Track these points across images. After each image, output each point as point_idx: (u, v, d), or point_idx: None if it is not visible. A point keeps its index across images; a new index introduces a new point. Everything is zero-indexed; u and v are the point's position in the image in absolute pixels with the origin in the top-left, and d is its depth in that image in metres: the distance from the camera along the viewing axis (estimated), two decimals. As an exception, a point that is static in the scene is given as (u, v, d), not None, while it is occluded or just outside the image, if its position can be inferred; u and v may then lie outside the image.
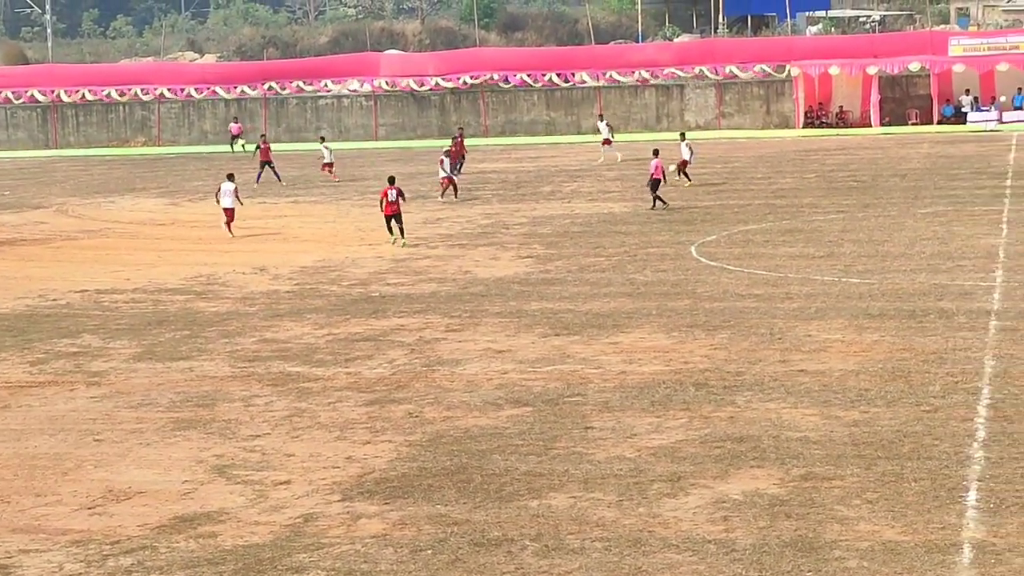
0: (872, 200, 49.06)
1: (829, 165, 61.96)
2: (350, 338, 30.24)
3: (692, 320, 30.25)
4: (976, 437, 20.80)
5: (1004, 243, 38.37)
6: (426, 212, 51.91)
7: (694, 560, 16.51)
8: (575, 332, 29.67)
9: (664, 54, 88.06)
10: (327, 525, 18.35)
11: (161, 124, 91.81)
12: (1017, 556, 16.10)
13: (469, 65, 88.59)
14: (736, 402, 23.45)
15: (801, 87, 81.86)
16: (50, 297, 36.64)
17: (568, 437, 21.86)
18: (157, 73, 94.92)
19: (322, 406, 24.55)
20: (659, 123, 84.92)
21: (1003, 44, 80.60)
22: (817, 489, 18.77)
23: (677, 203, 50.65)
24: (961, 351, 26.26)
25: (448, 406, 24.13)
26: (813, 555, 16.48)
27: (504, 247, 42.34)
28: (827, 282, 33.94)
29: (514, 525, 17.95)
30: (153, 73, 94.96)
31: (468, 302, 33.72)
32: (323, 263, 40.60)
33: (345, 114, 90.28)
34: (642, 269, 37.14)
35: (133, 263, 42.14)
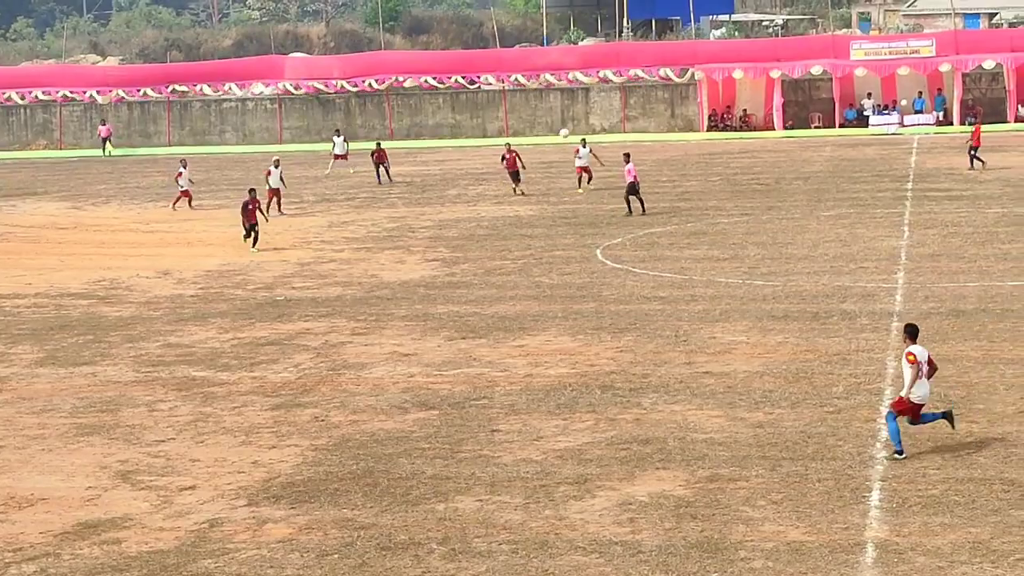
0: (776, 203, 49.51)
1: (733, 168, 62.46)
2: (255, 342, 30.06)
3: (598, 323, 30.37)
4: (879, 438, 21.05)
5: (905, 245, 38.86)
6: (331, 216, 51.72)
7: (601, 562, 16.57)
8: (481, 335, 29.68)
9: (569, 57, 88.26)
10: (233, 530, 18.23)
11: (63, 127, 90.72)
12: (919, 555, 16.31)
13: (374, 68, 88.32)
14: (642, 404, 23.57)
15: (705, 91, 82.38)
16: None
17: (475, 440, 21.87)
18: (59, 76, 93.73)
19: (227, 411, 24.38)
20: (564, 126, 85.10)
21: (904, 48, 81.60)
22: (722, 490, 18.90)
23: (582, 206, 50.83)
24: (864, 352, 26.57)
25: (354, 410, 24.06)
26: (719, 556, 16.59)
27: (410, 250, 42.27)
28: (732, 284, 34.20)
29: (421, 528, 17.93)
30: (55, 76, 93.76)
31: (374, 305, 33.63)
32: (228, 267, 40.32)
33: (249, 117, 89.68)
34: (548, 272, 37.23)
35: (35, 267, 41.61)
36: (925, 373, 20.24)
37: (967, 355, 25.92)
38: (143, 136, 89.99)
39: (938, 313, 29.71)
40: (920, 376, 20.16)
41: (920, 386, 20.17)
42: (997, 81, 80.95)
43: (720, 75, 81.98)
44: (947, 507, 17.86)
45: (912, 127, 78.18)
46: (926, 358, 20.35)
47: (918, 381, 20.14)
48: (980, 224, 42.26)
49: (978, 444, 20.45)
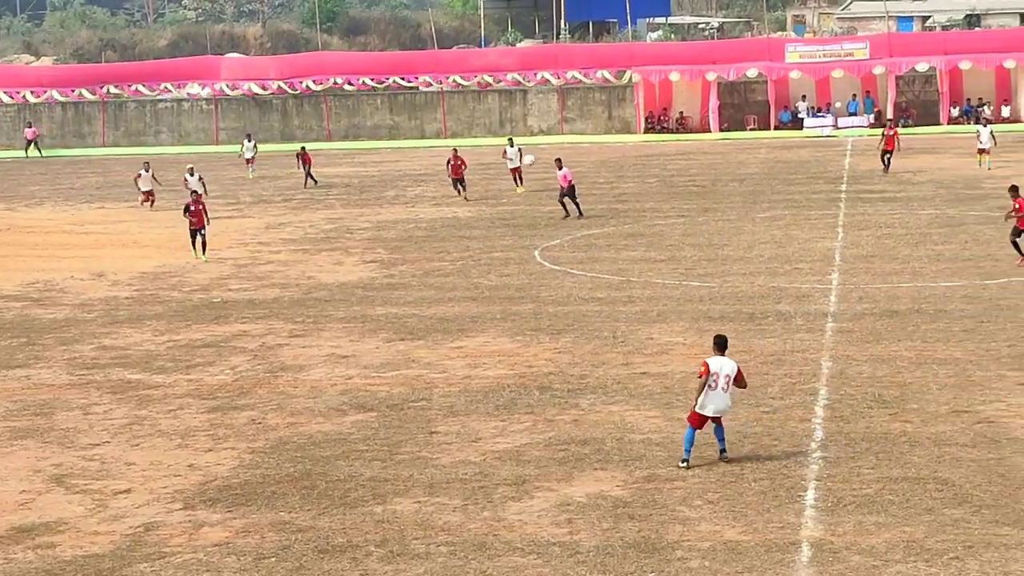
0: (712, 204, 49.75)
1: (670, 170, 62.71)
2: (191, 344, 29.89)
3: (536, 324, 30.41)
4: (814, 437, 21.20)
5: (840, 246, 39.15)
6: (269, 217, 51.52)
7: (539, 563, 16.59)
8: (420, 337, 29.66)
9: (507, 59, 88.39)
10: (169, 534, 18.12)
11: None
12: (854, 554, 16.44)
13: (312, 69, 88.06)
14: (580, 405, 23.62)
15: (642, 93, 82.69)
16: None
17: (413, 442, 21.85)
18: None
19: (163, 413, 24.24)
20: (502, 128, 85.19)
21: (838, 51, 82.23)
22: (660, 490, 18.98)
23: (520, 207, 50.89)
24: (799, 353, 26.74)
25: (292, 412, 23.97)
26: (656, 556, 16.66)
27: (348, 252, 42.17)
28: (668, 285, 34.34)
29: (359, 531, 17.90)
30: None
31: (312, 307, 33.53)
32: (163, 269, 40.08)
33: (185, 118, 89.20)
34: (486, 273, 37.24)
35: (-33, 269, 41.20)
36: (722, 386, 19.70)
37: (901, 355, 26.15)
38: (77, 137, 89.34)
39: (872, 314, 29.95)
40: (714, 388, 19.65)
41: (715, 399, 19.72)
42: (930, 84, 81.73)
43: (657, 77, 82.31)
44: (881, 506, 18.01)
45: (846, 129, 78.81)
46: (728, 372, 19.77)
47: (711, 393, 19.67)
48: (913, 225, 42.64)
49: (912, 444, 20.63)
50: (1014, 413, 22.05)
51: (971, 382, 24.05)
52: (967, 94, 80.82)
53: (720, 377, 19.80)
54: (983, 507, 17.82)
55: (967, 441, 20.68)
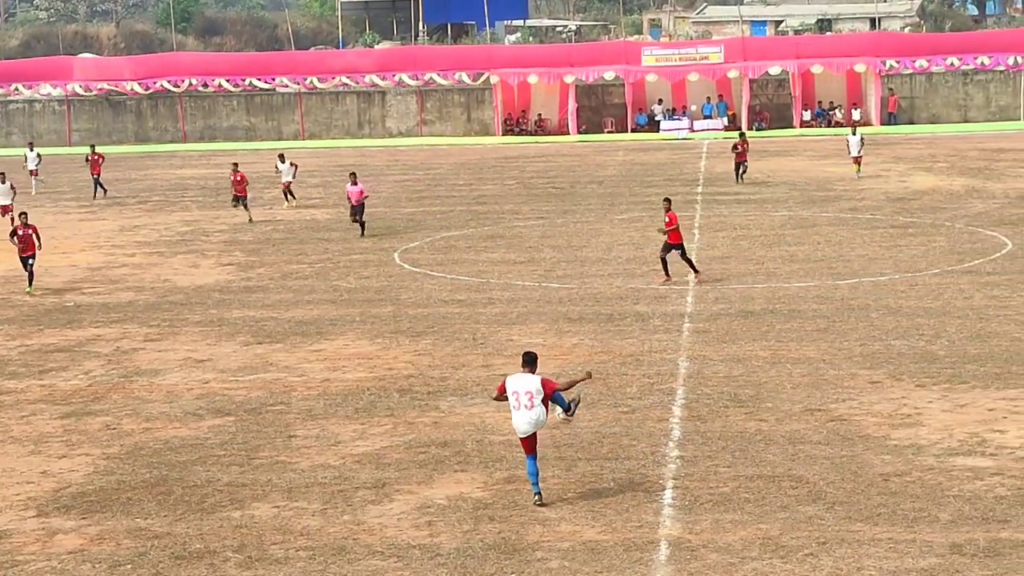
0: (571, 206, 50.04)
1: (529, 172, 62.97)
2: (44, 349, 29.38)
3: (396, 326, 30.36)
4: (672, 437, 21.42)
5: (696, 248, 39.53)
6: (123, 219, 50.80)
7: (399, 566, 16.57)
8: (278, 340, 29.45)
9: (365, 60, 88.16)
10: (22, 542, 17.81)
11: None
12: (711, 552, 16.63)
13: (167, 70, 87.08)
14: (440, 407, 23.63)
15: (500, 95, 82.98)
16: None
17: (271, 446, 21.69)
18: None
19: (15, 419, 23.80)
20: (361, 129, 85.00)
21: (694, 55, 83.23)
22: (520, 491, 19.04)
23: (379, 210, 50.74)
24: (657, 353, 27.00)
25: (147, 417, 23.67)
26: (516, 556, 16.71)
27: (204, 255, 41.74)
28: (528, 287, 34.47)
29: (216, 537, 17.73)
30: None
31: (167, 311, 33.14)
32: (14, 272, 39.29)
33: (37, 119, 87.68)
34: (345, 276, 37.09)
35: None
36: (525, 404, 18.44)
37: (756, 355, 26.52)
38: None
39: (727, 314, 30.33)
40: (517, 408, 18.48)
41: (521, 418, 18.50)
42: (783, 87, 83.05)
43: (515, 80, 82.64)
44: (737, 504, 18.25)
45: (701, 132, 79.77)
46: (529, 389, 18.47)
47: (516, 413, 18.50)
48: (768, 227, 43.27)
49: (767, 442, 20.93)
50: (866, 411, 22.48)
51: (824, 381, 24.47)
52: (819, 97, 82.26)
53: (520, 395, 18.49)
54: (836, 504, 18.13)
55: (820, 439, 21.03)
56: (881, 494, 18.46)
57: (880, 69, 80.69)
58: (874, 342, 27.29)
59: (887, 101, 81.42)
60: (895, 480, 19.02)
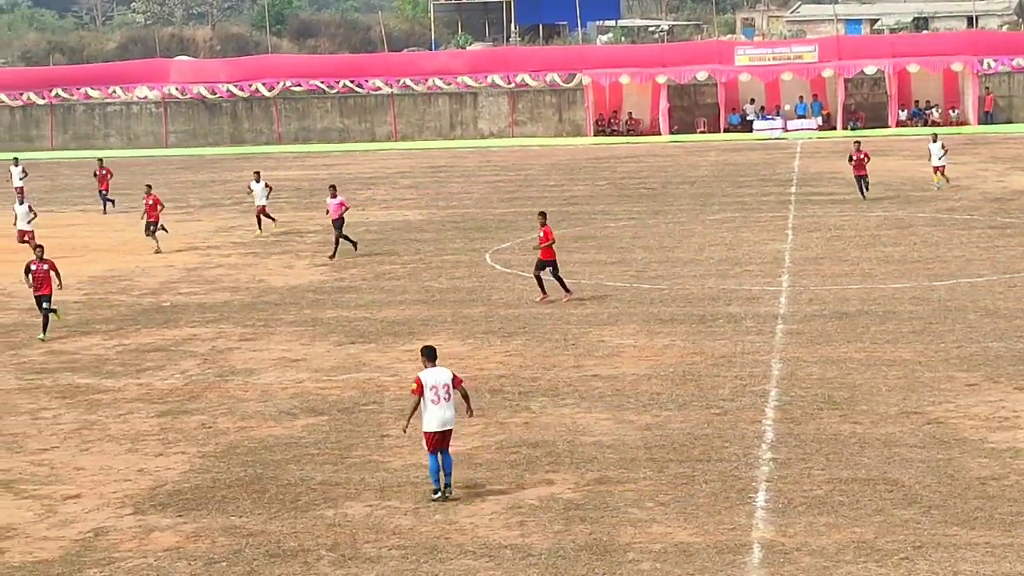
0: (662, 207, 49.87)
1: (620, 172, 62.83)
2: (141, 348, 29.72)
3: (487, 327, 30.40)
4: (764, 439, 21.28)
5: (789, 248, 39.31)
6: (219, 220, 51.29)
7: (491, 566, 16.59)
8: (371, 340, 29.59)
9: (457, 62, 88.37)
10: (119, 539, 18.02)
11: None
12: (804, 555, 16.50)
13: (262, 72, 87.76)
14: (531, 408, 23.63)
15: (592, 95, 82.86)
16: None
17: (364, 446, 21.80)
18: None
19: (112, 418, 24.09)
20: (453, 130, 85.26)
21: (787, 54, 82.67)
22: (611, 493, 19.00)
23: (471, 211, 50.85)
24: (749, 355, 26.83)
25: (242, 416, 23.88)
26: (607, 558, 16.68)
27: (298, 255, 42.03)
28: (619, 288, 34.40)
29: (310, 535, 17.84)
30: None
31: (262, 311, 33.40)
32: (113, 273, 39.83)
33: (134, 121, 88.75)
34: (437, 276, 37.20)
35: (-87, 274, 40.82)
36: (443, 397, 18.85)
37: (850, 357, 26.28)
38: (25, 140, 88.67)
39: (822, 315, 30.09)
40: (436, 402, 18.84)
41: (438, 412, 18.86)
42: (878, 86, 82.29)
43: (607, 80, 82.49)
44: (832, 507, 18.09)
45: (795, 132, 79.21)
46: (444, 381, 18.96)
47: (433, 408, 18.84)
48: (863, 227, 42.88)
49: (861, 445, 20.74)
50: (962, 414, 22.20)
51: (920, 383, 24.20)
52: (915, 96, 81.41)
53: (439, 389, 18.87)
54: (932, 507, 17.93)
55: (916, 442, 20.80)
56: (978, 498, 18.23)
57: (977, 68, 79.70)
58: (971, 344, 26.95)
59: (984, 100, 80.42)
60: (992, 484, 18.78)
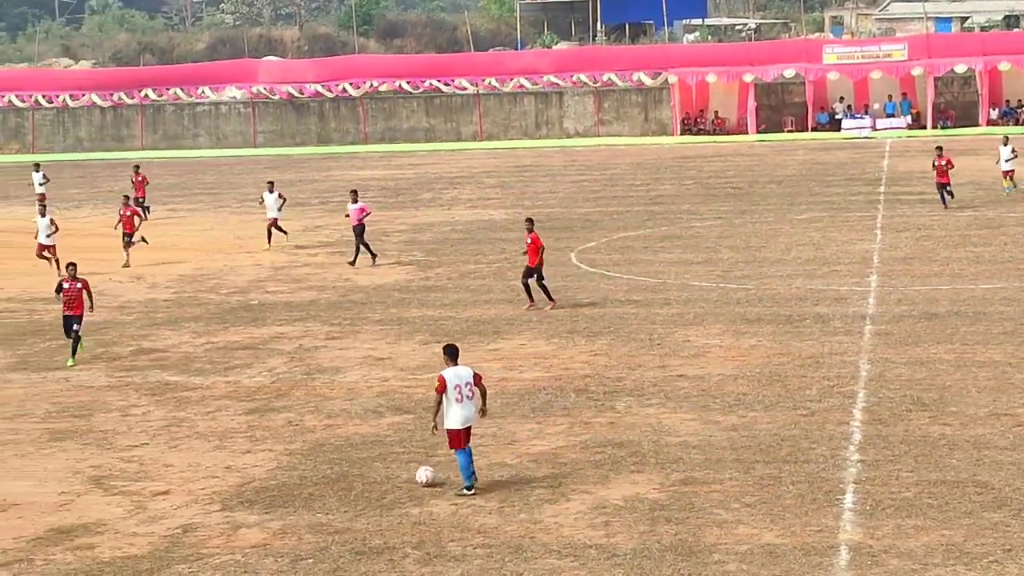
0: (749, 206, 49.60)
1: (706, 172, 62.58)
2: (229, 346, 29.98)
3: (572, 326, 30.38)
4: (852, 440, 21.11)
5: (878, 248, 38.98)
6: (306, 220, 51.62)
7: (575, 565, 16.57)
8: (456, 339, 29.60)
9: (543, 61, 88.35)
10: (206, 535, 18.18)
11: (36, 131, 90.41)
12: (892, 557, 16.35)
13: (348, 72, 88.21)
14: (616, 407, 23.59)
15: (678, 94, 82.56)
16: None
17: (449, 444, 21.83)
18: (31, 80, 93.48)
19: (201, 415, 24.32)
20: (538, 130, 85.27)
21: (876, 52, 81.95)
22: (696, 493, 18.93)
23: (557, 210, 50.83)
24: (837, 355, 26.63)
25: (329, 414, 24.02)
26: (693, 559, 16.61)
27: (384, 254, 42.19)
28: (705, 288, 34.25)
29: (396, 533, 17.91)
30: (27, 80, 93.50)
31: (348, 310, 33.58)
32: (201, 271, 40.20)
33: (223, 121, 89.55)
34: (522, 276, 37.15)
35: (6, 272, 41.44)
36: (466, 395, 19.34)
37: (940, 358, 26.01)
38: (116, 140, 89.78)
39: (911, 316, 29.81)
40: (460, 400, 19.27)
41: (461, 410, 19.29)
42: (969, 85, 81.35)
43: (693, 79, 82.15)
44: (920, 510, 17.91)
45: (884, 131, 78.50)
46: (466, 379, 19.43)
47: (456, 406, 19.26)
48: (952, 227, 42.42)
49: (950, 447, 20.52)
50: (1054, 416, 21.91)
51: (1011, 385, 23.91)
52: (1006, 95, 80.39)
53: (462, 387, 19.33)
54: (1023, 510, 17.70)
55: (1007, 444, 20.55)
56: (1070, 501, 18.00)
57: (1070, 66, 78.59)
58: (1063, 345, 26.61)
59: (1077, 99, 79.28)
60: (1085, 487, 18.52)
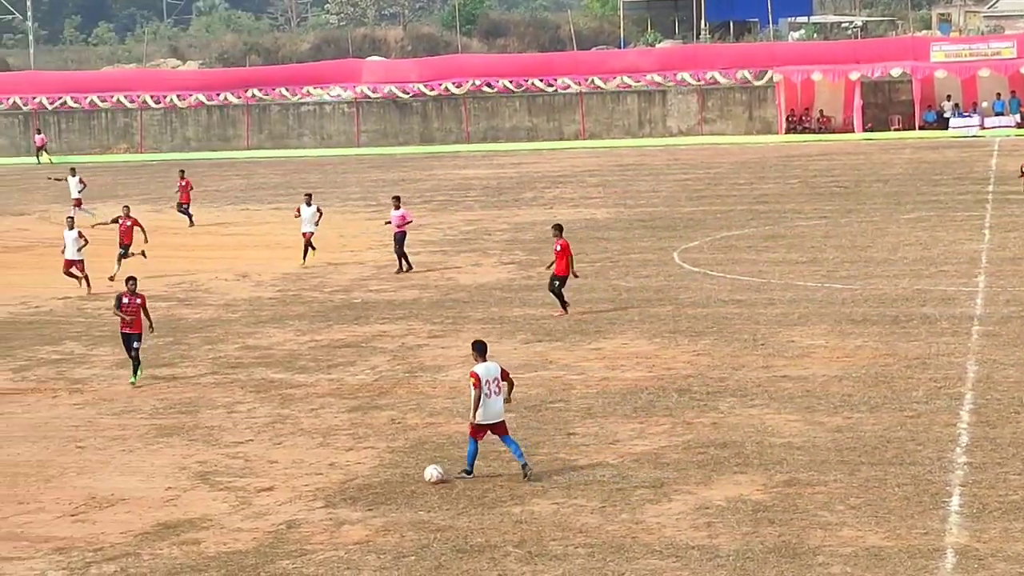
0: (855, 206, 49.12)
1: (811, 171, 62.06)
2: (332, 344, 30.19)
3: (675, 326, 30.27)
4: (959, 442, 20.84)
5: (986, 248, 38.45)
6: (409, 218, 51.81)
7: (677, 566, 16.51)
8: (557, 338, 29.65)
9: (646, 60, 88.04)
10: (310, 532, 18.33)
11: (144, 131, 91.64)
12: (999, 561, 16.12)
13: (451, 71, 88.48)
14: (719, 408, 23.46)
15: (783, 93, 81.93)
16: (32, 304, 36.53)
17: (551, 443, 21.85)
18: (139, 80, 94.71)
19: (305, 413, 24.52)
20: (641, 129, 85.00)
21: (985, 50, 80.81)
22: (800, 495, 18.79)
23: (659, 209, 50.66)
24: (944, 356, 26.31)
25: (431, 412, 24.11)
26: (796, 561, 16.49)
27: (486, 253, 42.31)
28: (810, 288, 33.97)
29: (497, 531, 17.94)
30: (135, 80, 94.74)
31: (450, 308, 33.69)
32: (305, 269, 40.52)
33: (327, 120, 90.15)
34: (624, 275, 37.14)
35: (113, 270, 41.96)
36: (495, 391, 20.02)
37: (1049, 359, 25.62)
38: (222, 140, 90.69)
39: (1019, 317, 29.37)
40: (489, 396, 19.96)
41: (491, 405, 19.98)
42: (1080, 83, 79.96)
43: (798, 77, 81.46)
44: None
45: (992, 129, 77.38)
46: (495, 375, 20.16)
47: (487, 401, 19.94)
48: (1063, 227, 41.75)
49: (1061, 450, 20.20)
50: None
51: (1122, 387, 23.49)
52: (1119, 93, 78.99)
53: (491, 383, 20.00)
54: None
55: (1118, 448, 20.20)
56: None
57: None
58: None
59: None
60: None
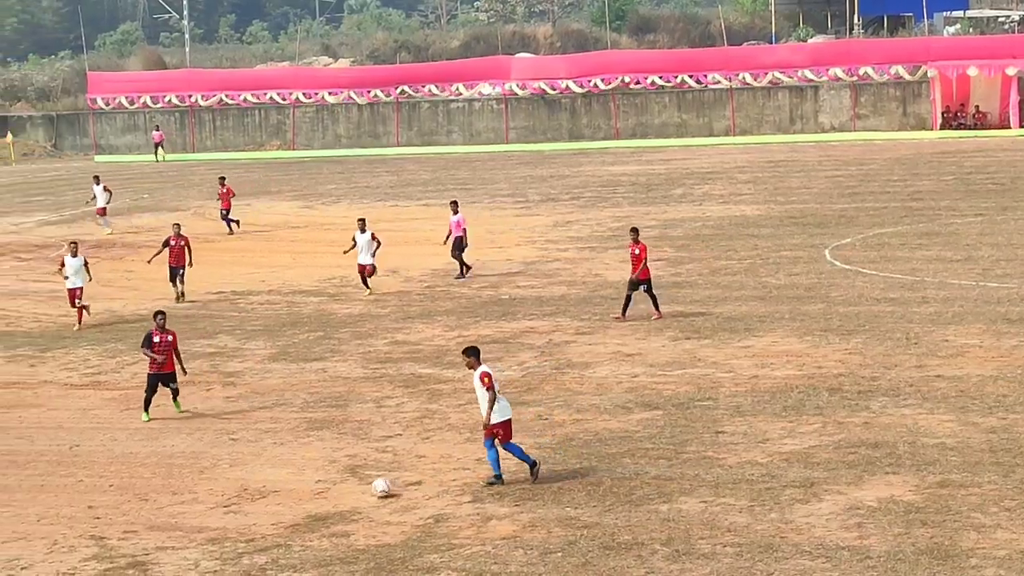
0: (1012, 203, 48.16)
1: (967, 167, 60.96)
2: (480, 340, 30.29)
3: (826, 324, 29.93)
4: (1119, 445, 20.36)
5: None
6: (556, 215, 51.91)
7: (827, 567, 16.33)
8: (706, 336, 29.49)
9: (797, 55, 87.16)
10: (458, 526, 18.44)
11: (296, 128, 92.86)
12: None
13: (600, 68, 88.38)
14: (871, 408, 23.16)
15: (938, 88, 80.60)
16: (187, 298, 37.19)
17: (699, 441, 21.74)
18: (292, 78, 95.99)
19: (452, 408, 24.66)
20: (792, 125, 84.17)
21: None
22: (953, 496, 18.48)
23: (811, 206, 50.11)
24: (1103, 357, 25.71)
25: (578, 409, 24.12)
26: (949, 563, 16.22)
27: (635, 250, 42.15)
28: (965, 286, 33.38)
29: (644, 529, 17.90)
30: (288, 78, 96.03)
31: (598, 305, 33.66)
32: (453, 265, 40.75)
33: (476, 117, 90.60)
34: (775, 272, 36.81)
35: (268, 265, 42.66)
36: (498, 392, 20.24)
37: None
38: (372, 137, 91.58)
39: None
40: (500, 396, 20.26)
41: (504, 405, 20.24)
42: None
43: (954, 72, 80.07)
44: None
45: None
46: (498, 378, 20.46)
47: (501, 400, 20.20)
48: None
49: None
50: None
51: None
52: None
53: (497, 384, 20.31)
54: None
55: None
56: None
57: None
58: None
59: None
60: None
